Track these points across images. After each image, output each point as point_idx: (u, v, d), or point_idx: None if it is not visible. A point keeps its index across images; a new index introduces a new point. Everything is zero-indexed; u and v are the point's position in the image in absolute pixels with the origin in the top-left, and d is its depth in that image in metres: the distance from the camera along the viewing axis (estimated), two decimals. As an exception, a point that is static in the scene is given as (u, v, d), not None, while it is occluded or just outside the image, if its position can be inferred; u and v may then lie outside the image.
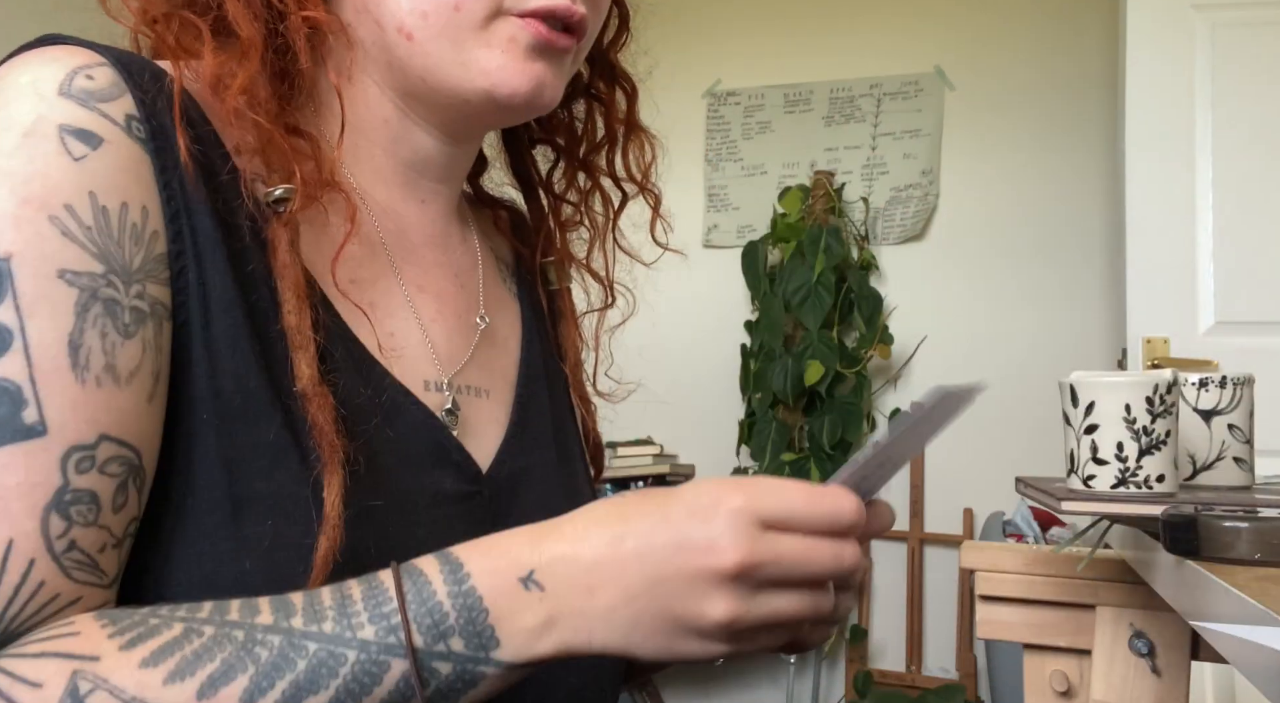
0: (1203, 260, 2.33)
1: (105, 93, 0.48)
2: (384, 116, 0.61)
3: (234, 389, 0.49)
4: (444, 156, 0.64)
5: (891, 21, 3.15)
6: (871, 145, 3.16)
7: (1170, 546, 0.67)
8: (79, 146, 0.46)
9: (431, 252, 0.65)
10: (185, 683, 0.40)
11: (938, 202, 3.09)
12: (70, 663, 0.40)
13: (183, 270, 0.49)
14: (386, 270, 0.61)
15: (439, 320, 0.63)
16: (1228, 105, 2.34)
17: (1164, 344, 2.31)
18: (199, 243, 0.49)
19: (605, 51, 0.73)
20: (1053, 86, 2.99)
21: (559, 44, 0.58)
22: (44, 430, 0.43)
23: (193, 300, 0.49)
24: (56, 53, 0.49)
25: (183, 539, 0.47)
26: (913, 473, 3.05)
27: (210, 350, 0.49)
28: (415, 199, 0.64)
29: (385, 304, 0.59)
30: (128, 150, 0.48)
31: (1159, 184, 2.35)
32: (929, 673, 2.92)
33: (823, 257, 2.91)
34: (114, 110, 0.48)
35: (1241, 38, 2.34)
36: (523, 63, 0.57)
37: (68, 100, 0.47)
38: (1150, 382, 0.79)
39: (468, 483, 0.58)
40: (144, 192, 0.48)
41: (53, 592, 0.43)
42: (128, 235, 0.47)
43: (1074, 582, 1.02)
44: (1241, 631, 0.50)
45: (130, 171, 0.48)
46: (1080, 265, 2.95)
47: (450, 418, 0.59)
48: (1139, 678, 0.98)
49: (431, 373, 0.60)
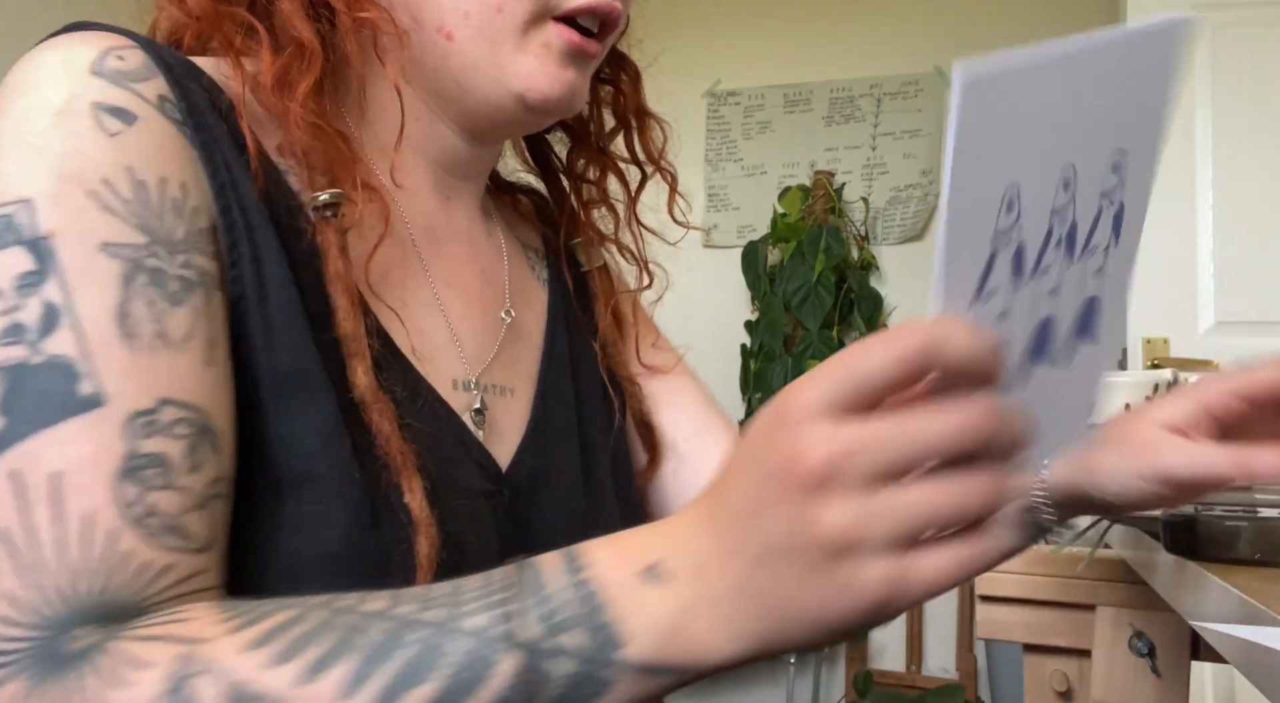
0: (1203, 260, 2.33)
1: (138, 73, 0.48)
2: (414, 115, 0.61)
3: (291, 365, 0.49)
4: (470, 155, 0.64)
5: (891, 21, 3.15)
6: (871, 145, 3.16)
7: (1170, 546, 0.67)
8: (114, 123, 0.46)
9: (458, 248, 0.65)
10: (290, 665, 0.38)
11: (938, 201, 3.08)
12: (178, 647, 0.40)
13: (235, 244, 0.49)
14: (416, 269, 0.61)
15: (466, 317, 0.63)
16: (1228, 105, 2.34)
17: (1164, 344, 2.31)
18: (250, 219, 0.50)
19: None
20: (1053, 86, 2.99)
21: (589, 50, 0.59)
22: (101, 401, 0.43)
23: (247, 275, 0.49)
24: (88, 35, 0.49)
25: (248, 517, 0.47)
26: (913, 473, 3.05)
27: (267, 324, 0.49)
28: (441, 196, 0.64)
29: (415, 303, 0.59)
30: (162, 128, 0.48)
31: (1159, 184, 2.35)
32: (929, 673, 2.92)
33: (823, 257, 2.91)
34: (147, 90, 0.48)
35: (1241, 38, 2.34)
36: (556, 69, 0.58)
37: (100, 78, 0.47)
38: (1150, 382, 0.79)
39: (489, 481, 0.58)
40: (181, 168, 0.48)
41: (144, 561, 0.42)
42: (168, 208, 0.47)
43: (1074, 582, 1.02)
44: (1241, 631, 0.50)
45: (166, 149, 0.48)
46: (1080, 265, 2.95)
47: (479, 417, 0.59)
48: (1139, 678, 0.98)
49: (459, 372, 0.60)
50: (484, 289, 0.65)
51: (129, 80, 0.48)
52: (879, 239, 3.12)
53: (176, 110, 0.49)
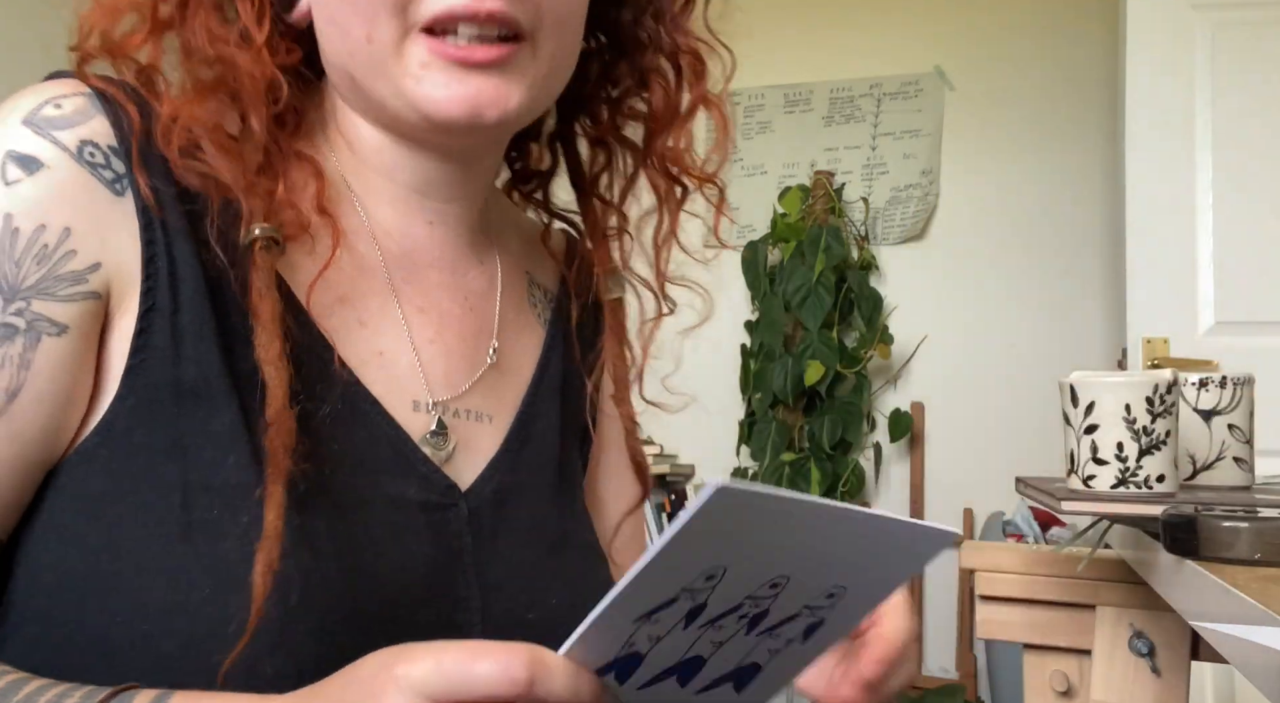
0: (1203, 260, 2.33)
1: (65, 120, 0.52)
2: (375, 145, 0.61)
3: (194, 376, 0.51)
4: (446, 176, 0.63)
5: (891, 21, 3.15)
6: (871, 145, 3.16)
7: (1170, 546, 0.67)
8: (15, 172, 0.50)
9: (438, 274, 0.64)
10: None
11: (938, 201, 3.09)
12: None
13: (153, 258, 0.52)
14: (383, 290, 0.61)
15: (437, 342, 0.62)
16: (1228, 105, 2.34)
17: (1164, 344, 2.32)
18: (170, 238, 0.52)
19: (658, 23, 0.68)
20: (1053, 86, 2.99)
21: (474, 59, 0.54)
22: None
23: (161, 288, 0.52)
24: (47, 85, 0.53)
25: (131, 521, 0.49)
26: (913, 473, 3.05)
27: (177, 337, 0.51)
28: (422, 221, 0.64)
29: (377, 324, 0.60)
30: (68, 174, 0.51)
31: (1159, 184, 2.35)
32: (929, 673, 2.92)
33: (823, 257, 2.91)
34: (67, 137, 0.51)
35: (1241, 38, 2.34)
36: (446, 85, 0.54)
37: (27, 127, 0.51)
38: (1150, 382, 0.79)
39: (437, 494, 0.58)
40: (75, 212, 0.51)
41: None
42: (31, 255, 0.50)
43: (1074, 582, 1.03)
44: (1241, 631, 0.50)
45: (62, 194, 0.51)
46: (1080, 265, 2.95)
47: (437, 439, 0.59)
48: (1139, 678, 0.98)
49: (420, 393, 0.60)
50: (464, 316, 0.65)
51: (53, 128, 0.51)
52: (879, 239, 3.12)
53: (98, 152, 0.52)
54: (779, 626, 0.43)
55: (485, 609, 0.56)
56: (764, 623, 0.42)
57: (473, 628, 0.55)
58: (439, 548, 0.56)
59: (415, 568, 0.54)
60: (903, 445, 3.05)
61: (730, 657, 0.43)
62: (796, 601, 0.42)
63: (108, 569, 0.48)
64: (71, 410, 0.51)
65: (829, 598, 0.43)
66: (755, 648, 0.43)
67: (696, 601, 0.39)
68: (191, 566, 0.48)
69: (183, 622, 0.48)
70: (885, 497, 3.08)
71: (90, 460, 0.51)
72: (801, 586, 0.41)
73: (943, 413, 3.04)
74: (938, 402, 3.05)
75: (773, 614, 0.42)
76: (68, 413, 0.51)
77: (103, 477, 0.50)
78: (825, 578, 0.42)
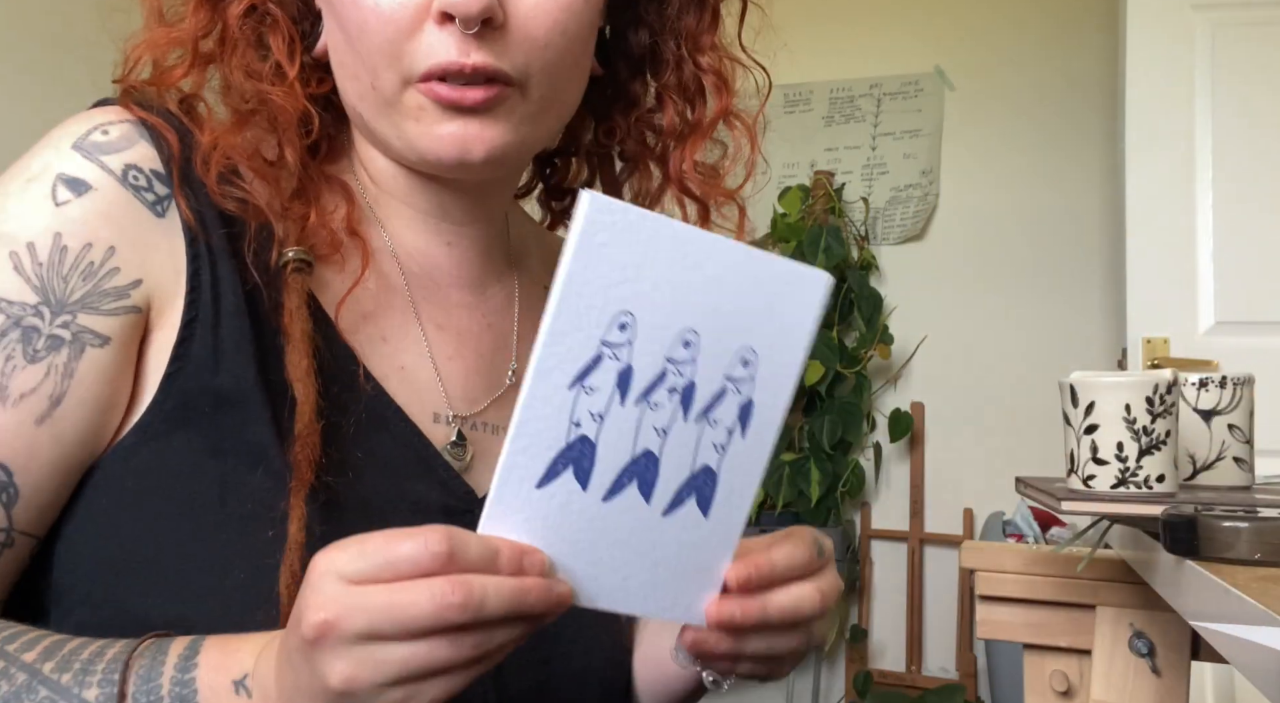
0: (1203, 260, 2.33)
1: (111, 146, 0.55)
2: (390, 174, 0.65)
3: (231, 387, 0.54)
4: (461, 203, 0.66)
5: (891, 21, 3.15)
6: (871, 145, 3.16)
7: (1170, 546, 0.67)
8: (65, 193, 0.54)
9: (459, 293, 0.67)
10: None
11: (938, 201, 3.09)
12: None
13: (198, 272, 0.55)
14: (404, 309, 0.64)
15: (457, 358, 0.65)
16: (1228, 105, 2.34)
17: (1164, 344, 2.31)
18: (215, 255, 0.56)
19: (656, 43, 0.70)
20: (1053, 86, 2.99)
21: (466, 101, 0.56)
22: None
23: (204, 301, 0.55)
24: (94, 113, 0.57)
25: (173, 513, 0.52)
26: (913, 473, 3.05)
27: (217, 348, 0.54)
28: (440, 242, 0.67)
29: (399, 340, 0.63)
30: (115, 196, 0.55)
31: (1159, 184, 2.35)
32: (929, 673, 2.92)
33: (823, 257, 2.91)
34: (113, 161, 0.55)
35: (1241, 38, 2.34)
36: (439, 128, 0.57)
37: (76, 152, 0.55)
38: (1150, 382, 0.79)
39: (456, 499, 0.61)
40: (120, 232, 0.54)
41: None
42: (78, 271, 0.53)
43: (1074, 582, 1.03)
44: (1241, 631, 0.50)
45: (111, 214, 0.54)
46: (1080, 265, 2.95)
47: (457, 449, 0.62)
48: (1139, 678, 0.98)
49: (441, 406, 0.63)
50: (483, 333, 0.68)
51: (101, 153, 0.55)
52: (879, 239, 3.12)
53: (142, 176, 0.55)
54: (712, 407, 0.45)
55: None
56: (695, 402, 0.45)
57: None
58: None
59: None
60: (903, 445, 3.05)
61: (681, 457, 0.45)
62: (716, 369, 0.45)
63: (149, 556, 0.52)
64: (111, 415, 0.54)
65: (745, 366, 0.45)
66: (700, 442, 0.46)
67: (620, 361, 0.42)
68: (228, 553, 0.52)
69: (217, 604, 0.51)
70: (885, 497, 3.08)
71: (126, 459, 0.54)
72: (712, 344, 0.44)
73: (943, 413, 3.04)
74: (938, 402, 3.05)
75: (700, 388, 0.44)
76: (107, 418, 0.54)
77: (142, 473, 0.53)
78: (731, 334, 0.44)
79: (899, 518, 3.05)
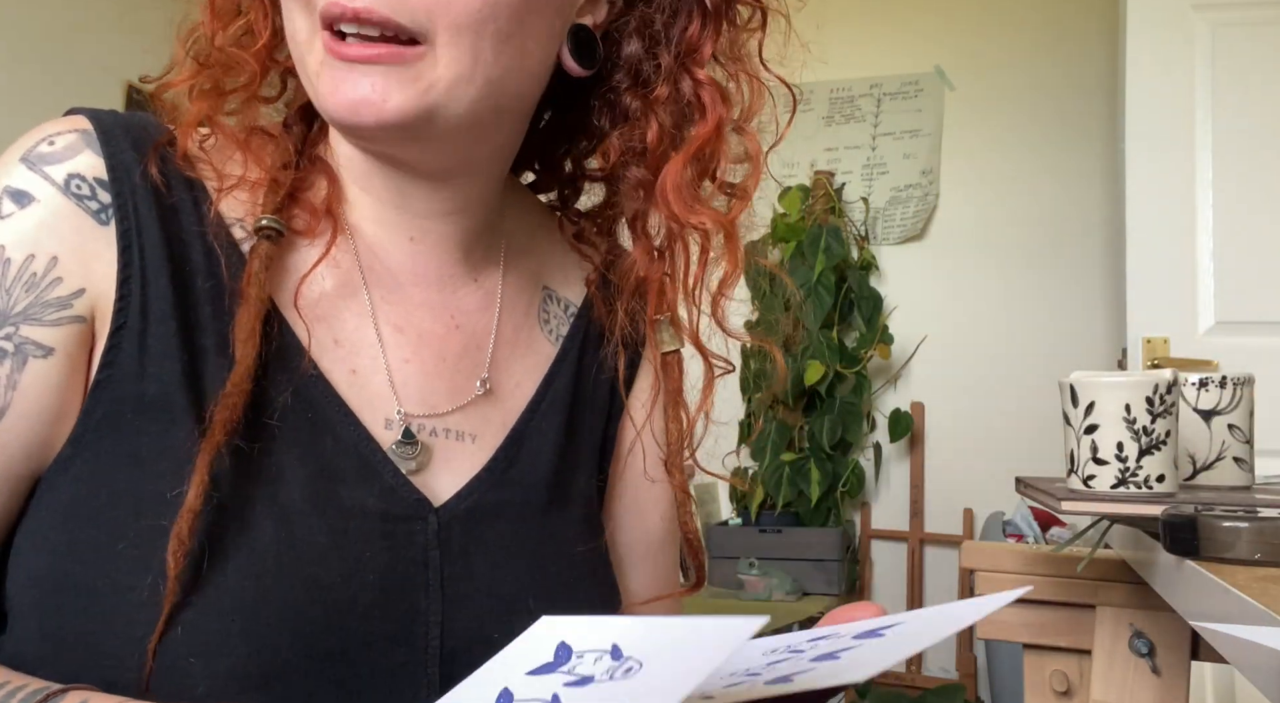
0: (1203, 260, 2.33)
1: (54, 156, 0.55)
2: (347, 154, 0.62)
3: (157, 392, 0.53)
4: (422, 192, 0.62)
5: (891, 21, 3.15)
6: (871, 145, 3.16)
7: (1170, 546, 0.67)
8: (9, 206, 0.54)
9: (421, 291, 0.63)
10: None
11: (938, 201, 3.09)
12: None
13: (128, 280, 0.54)
14: (360, 309, 0.61)
15: (413, 361, 0.62)
16: (1228, 105, 2.34)
17: (1164, 344, 2.31)
18: (146, 260, 0.55)
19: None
20: (1053, 86, 2.99)
21: (348, 55, 0.53)
22: None
23: (133, 307, 0.54)
24: (47, 124, 0.57)
25: (91, 526, 0.51)
26: (913, 473, 3.05)
27: (143, 352, 0.54)
28: (403, 237, 0.63)
29: (353, 341, 0.60)
30: (57, 206, 0.54)
31: (1159, 184, 2.35)
32: (929, 673, 2.92)
33: (823, 257, 2.91)
34: (56, 171, 0.55)
35: (1241, 38, 2.34)
36: (334, 83, 0.54)
37: (22, 164, 0.55)
38: (1150, 382, 0.79)
39: (402, 507, 0.58)
40: (61, 240, 0.54)
41: None
42: (20, 283, 0.53)
43: (1074, 582, 1.03)
44: (1241, 631, 0.50)
45: (50, 225, 0.54)
46: (1080, 265, 2.95)
47: (404, 449, 0.59)
48: (1139, 678, 0.98)
49: (391, 411, 0.60)
50: (448, 335, 0.64)
51: (44, 164, 0.55)
52: (879, 239, 3.12)
53: (84, 185, 0.55)
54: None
55: (446, 623, 0.56)
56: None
57: (430, 640, 0.56)
58: (398, 558, 0.56)
59: (364, 577, 0.54)
60: (903, 445, 3.05)
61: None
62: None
63: (71, 571, 0.51)
64: (60, 427, 0.54)
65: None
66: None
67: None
68: (135, 570, 0.50)
69: (121, 624, 0.50)
70: (885, 497, 3.08)
71: (64, 470, 0.53)
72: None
73: (943, 413, 3.04)
74: (938, 402, 3.05)
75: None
76: (54, 429, 0.54)
77: (73, 485, 0.53)
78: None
79: (899, 518, 3.05)
